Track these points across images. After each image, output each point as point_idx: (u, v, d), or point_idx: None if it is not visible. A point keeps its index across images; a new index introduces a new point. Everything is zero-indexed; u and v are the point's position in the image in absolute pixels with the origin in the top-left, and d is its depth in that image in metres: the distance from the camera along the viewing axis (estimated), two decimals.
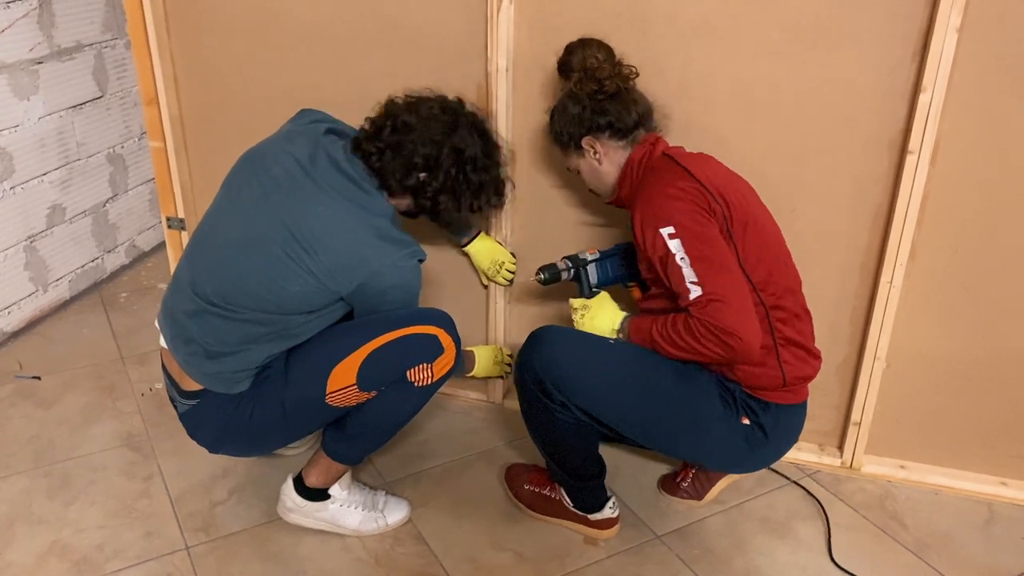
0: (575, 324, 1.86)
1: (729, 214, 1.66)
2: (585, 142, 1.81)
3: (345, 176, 1.73)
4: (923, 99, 1.82)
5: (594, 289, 2.01)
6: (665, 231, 1.62)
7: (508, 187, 1.98)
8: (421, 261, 1.77)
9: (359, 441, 1.88)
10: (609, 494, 1.98)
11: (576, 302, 1.91)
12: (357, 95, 2.21)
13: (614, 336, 1.81)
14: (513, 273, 2.26)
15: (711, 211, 1.64)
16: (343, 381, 1.75)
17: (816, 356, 1.78)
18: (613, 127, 1.78)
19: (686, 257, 1.60)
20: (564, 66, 1.84)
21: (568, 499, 1.98)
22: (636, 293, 2.00)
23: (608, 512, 1.97)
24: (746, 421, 1.72)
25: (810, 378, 1.77)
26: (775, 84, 1.93)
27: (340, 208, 1.70)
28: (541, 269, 2.02)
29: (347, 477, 1.98)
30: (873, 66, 1.86)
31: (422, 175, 1.77)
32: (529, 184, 2.19)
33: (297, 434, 1.94)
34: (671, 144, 1.84)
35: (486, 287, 2.33)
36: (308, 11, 2.21)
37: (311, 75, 2.27)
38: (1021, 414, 2.09)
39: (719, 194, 1.66)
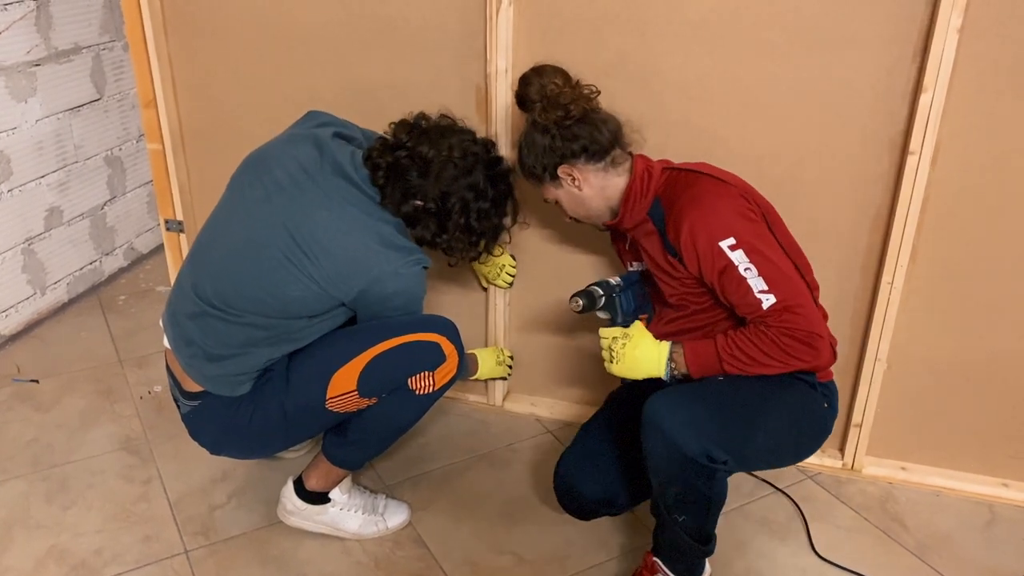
0: (611, 355, 1.71)
1: (762, 211, 1.67)
2: (561, 171, 1.73)
3: (350, 182, 1.71)
4: (924, 100, 1.81)
5: (628, 316, 1.84)
6: (725, 243, 1.56)
7: (505, 237, 1.93)
8: (426, 268, 1.75)
9: (360, 447, 1.87)
10: None
11: (608, 331, 1.74)
12: (356, 98, 2.22)
13: (662, 367, 1.67)
14: (513, 276, 2.25)
15: (755, 212, 1.62)
16: (343, 387, 1.74)
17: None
18: (588, 151, 1.71)
19: (752, 267, 1.55)
20: (522, 99, 1.76)
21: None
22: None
23: (708, 567, 1.82)
24: (826, 404, 1.73)
25: (835, 357, 1.71)
26: (775, 84, 1.92)
27: (343, 213, 1.68)
28: (578, 295, 1.80)
29: (347, 481, 1.97)
30: (873, 66, 1.85)
31: (418, 203, 1.73)
32: (530, 193, 2.18)
33: (297, 438, 1.93)
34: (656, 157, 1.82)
35: (485, 289, 2.33)
36: (306, 13, 2.20)
37: (309, 77, 2.27)
38: (1022, 415, 2.08)
39: (748, 194, 1.67)
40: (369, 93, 2.22)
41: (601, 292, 1.81)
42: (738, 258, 1.56)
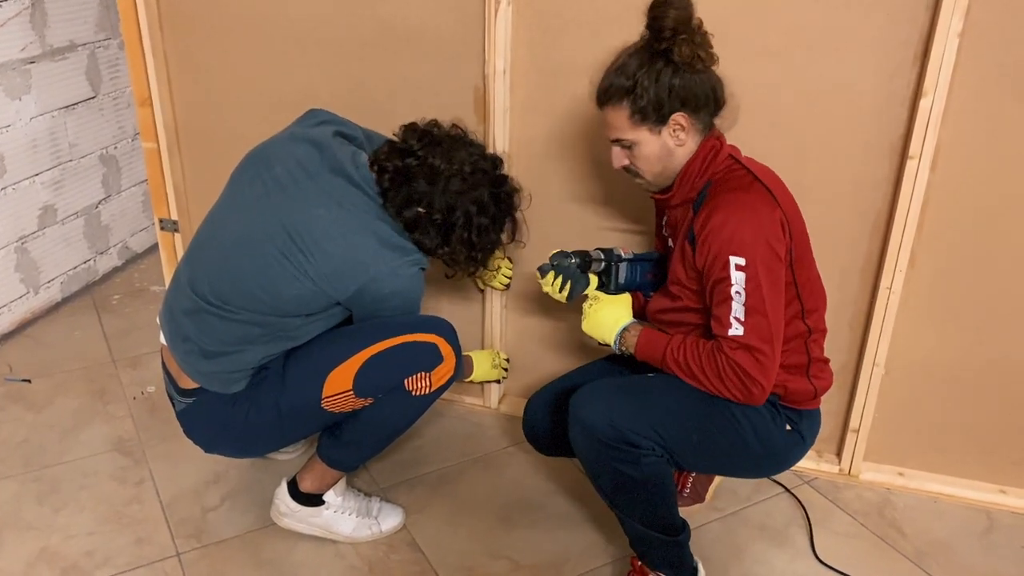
0: (584, 313, 1.78)
1: (792, 244, 1.60)
2: (677, 118, 1.57)
3: (349, 181, 1.71)
4: (924, 104, 1.80)
5: (620, 286, 1.88)
6: (735, 260, 1.51)
7: (500, 253, 1.95)
8: (424, 269, 1.75)
9: (355, 448, 1.86)
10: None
11: (594, 293, 1.81)
12: (353, 97, 2.21)
13: (613, 335, 1.73)
14: (510, 278, 2.24)
15: (783, 246, 1.56)
16: (339, 386, 1.72)
17: (827, 362, 1.79)
18: (709, 106, 1.58)
19: (743, 294, 1.52)
20: (657, 26, 1.53)
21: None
22: (639, 300, 1.96)
23: (703, 570, 1.83)
24: (789, 428, 1.71)
25: (830, 387, 1.77)
26: (775, 88, 1.91)
27: (341, 212, 1.67)
28: (573, 253, 1.83)
29: (342, 483, 1.95)
30: (873, 71, 1.84)
31: (421, 211, 1.73)
32: (528, 187, 2.17)
33: (292, 437, 1.92)
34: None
35: (482, 291, 2.31)
36: (304, 12, 2.19)
37: (306, 76, 2.25)
38: (1020, 422, 2.07)
39: (789, 222, 1.59)
40: (366, 93, 2.21)
41: (598, 256, 1.85)
42: (737, 279, 1.52)
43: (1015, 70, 1.78)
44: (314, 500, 1.93)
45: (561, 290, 1.83)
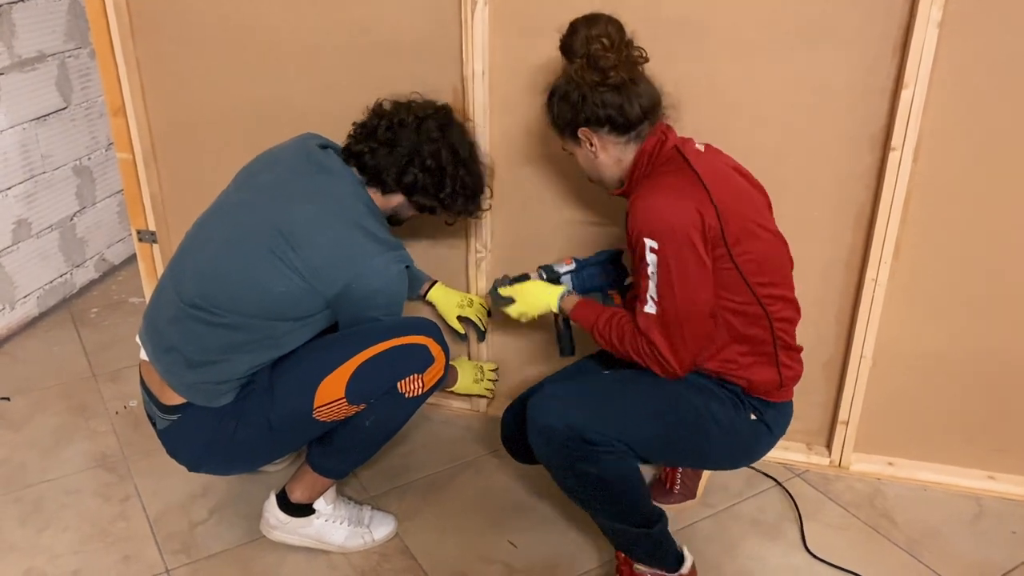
0: (513, 300, 1.91)
1: (725, 227, 1.58)
2: (581, 133, 1.68)
3: (337, 176, 1.75)
4: (905, 95, 1.81)
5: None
6: (649, 243, 1.56)
7: (488, 193, 2.02)
8: (408, 267, 1.77)
9: (346, 454, 1.84)
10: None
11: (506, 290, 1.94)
12: (330, 102, 2.19)
13: (555, 300, 1.84)
14: (485, 315, 2.26)
15: (705, 227, 1.55)
16: (331, 395, 1.71)
17: (800, 351, 1.78)
18: (613, 122, 1.63)
19: (655, 274, 1.56)
20: (566, 47, 1.67)
21: (655, 567, 1.80)
22: (616, 299, 1.96)
23: (689, 561, 1.83)
24: (753, 417, 1.72)
25: (800, 377, 1.78)
26: (754, 82, 1.91)
27: (327, 207, 1.71)
28: (515, 278, 1.96)
29: (332, 491, 1.93)
30: (853, 63, 1.84)
31: (418, 172, 1.80)
32: (508, 187, 2.16)
33: (282, 451, 1.90)
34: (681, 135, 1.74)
35: (464, 335, 2.30)
36: (278, 17, 2.16)
37: (283, 82, 2.22)
38: (1006, 409, 2.09)
39: (722, 203, 1.58)
40: (343, 97, 2.17)
41: (539, 276, 1.95)
42: (651, 260, 1.56)
43: (995, 59, 1.79)
44: (304, 510, 1.91)
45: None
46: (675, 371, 1.62)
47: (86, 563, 1.91)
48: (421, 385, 1.76)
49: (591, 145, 1.69)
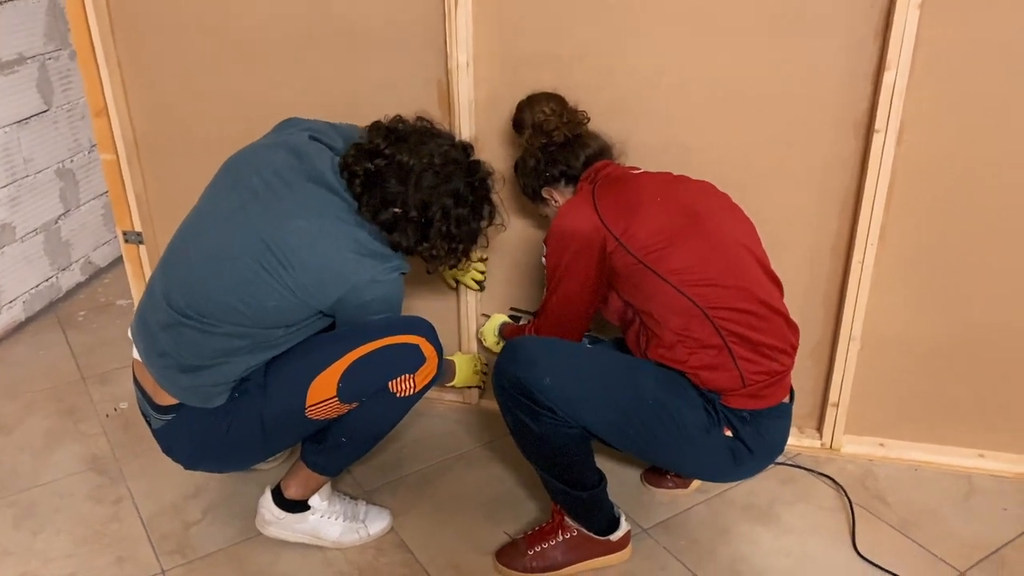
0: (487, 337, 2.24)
1: (629, 244, 1.63)
2: (544, 192, 1.88)
3: (328, 188, 1.67)
4: (887, 78, 1.81)
5: None
6: (544, 253, 1.78)
7: (483, 241, 1.90)
8: (404, 273, 1.73)
9: (339, 452, 1.83)
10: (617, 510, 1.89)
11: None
12: (314, 97, 2.18)
13: (494, 331, 2.21)
14: (483, 276, 2.23)
15: (597, 248, 1.67)
16: (323, 394, 1.70)
17: (784, 352, 1.69)
18: (566, 175, 1.83)
19: (547, 280, 1.80)
20: (518, 123, 1.93)
21: (582, 526, 1.85)
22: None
23: (625, 525, 1.88)
24: (728, 433, 1.66)
25: (776, 373, 1.67)
26: (737, 69, 1.91)
27: (320, 222, 1.64)
28: (505, 321, 2.24)
29: (327, 487, 1.93)
30: (835, 47, 1.85)
31: (397, 211, 1.69)
32: (509, 190, 2.15)
33: (275, 448, 1.89)
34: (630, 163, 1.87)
35: (455, 288, 2.29)
36: (259, 12, 2.15)
37: (266, 78, 2.21)
38: (993, 387, 2.10)
39: (620, 226, 1.64)
40: (327, 91, 2.18)
41: (512, 320, 2.23)
42: (546, 267, 1.79)
43: (976, 40, 1.79)
44: (300, 506, 1.90)
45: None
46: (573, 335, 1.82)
47: (81, 566, 1.90)
48: (412, 385, 1.74)
49: (555, 202, 1.88)
